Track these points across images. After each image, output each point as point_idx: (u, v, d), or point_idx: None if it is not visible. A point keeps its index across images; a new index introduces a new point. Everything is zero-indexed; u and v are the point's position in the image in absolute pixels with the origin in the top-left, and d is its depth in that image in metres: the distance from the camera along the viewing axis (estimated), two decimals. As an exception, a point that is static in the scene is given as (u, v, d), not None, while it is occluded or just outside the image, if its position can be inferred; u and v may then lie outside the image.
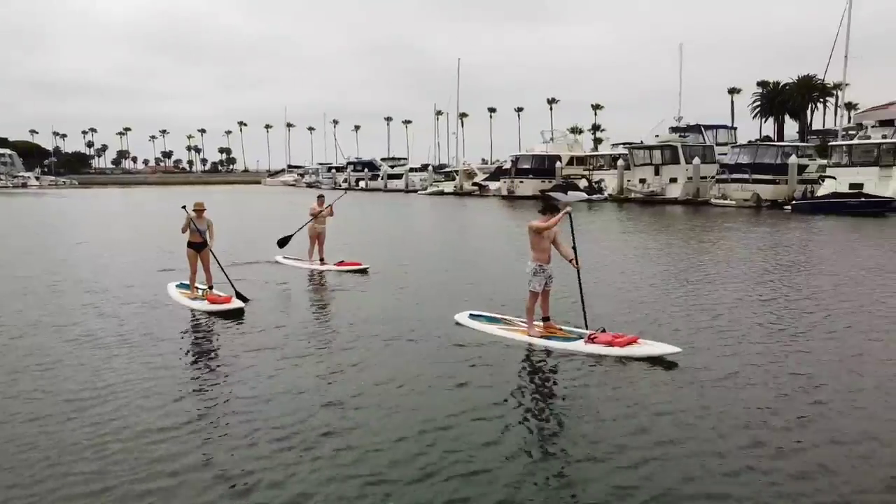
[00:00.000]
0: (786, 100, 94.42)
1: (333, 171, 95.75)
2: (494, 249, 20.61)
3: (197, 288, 11.68)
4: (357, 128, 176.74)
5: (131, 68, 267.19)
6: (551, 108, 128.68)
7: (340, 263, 15.75)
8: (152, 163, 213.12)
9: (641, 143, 44.98)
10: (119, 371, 7.88)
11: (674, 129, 45.00)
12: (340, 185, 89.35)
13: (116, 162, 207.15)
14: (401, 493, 4.97)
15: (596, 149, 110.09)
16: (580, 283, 9.09)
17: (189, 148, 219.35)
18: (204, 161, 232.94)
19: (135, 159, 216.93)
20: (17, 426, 6.25)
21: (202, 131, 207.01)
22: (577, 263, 8.76)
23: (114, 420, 6.40)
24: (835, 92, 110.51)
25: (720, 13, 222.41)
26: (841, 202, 31.16)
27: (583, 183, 47.22)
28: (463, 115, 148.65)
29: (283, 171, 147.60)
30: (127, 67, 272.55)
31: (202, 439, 5.94)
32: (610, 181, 46.28)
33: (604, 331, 8.44)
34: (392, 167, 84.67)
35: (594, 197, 44.54)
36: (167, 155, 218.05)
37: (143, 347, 8.92)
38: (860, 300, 11.61)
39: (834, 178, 33.54)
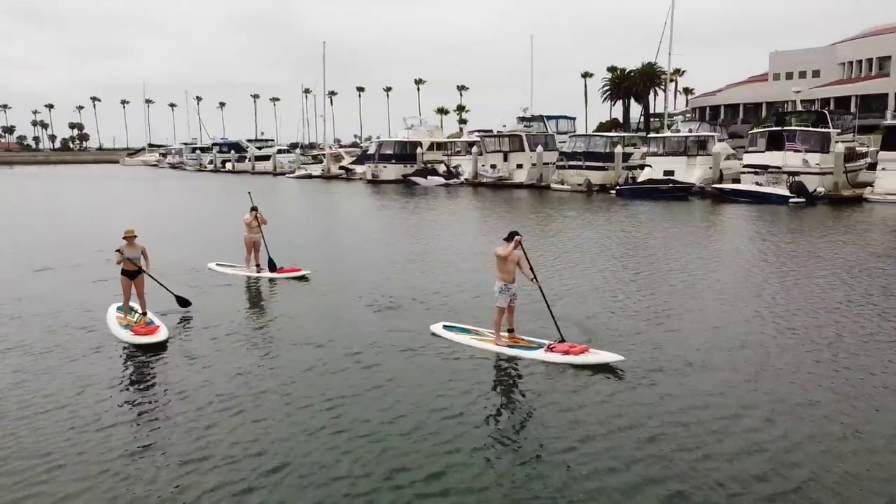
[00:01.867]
0: (630, 85, 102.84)
1: (198, 151, 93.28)
2: (405, 245, 22.02)
3: (133, 311, 11.65)
4: (222, 104, 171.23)
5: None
6: (419, 89, 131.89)
7: (280, 270, 15.72)
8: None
9: (492, 132, 48.85)
10: (36, 392, 8.64)
11: (521, 119, 49.22)
12: (206, 167, 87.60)
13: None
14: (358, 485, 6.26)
15: (461, 130, 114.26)
16: (544, 296, 10.16)
17: (35, 123, 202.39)
18: (52, 138, 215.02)
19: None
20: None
21: (49, 106, 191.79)
22: (537, 281, 9.79)
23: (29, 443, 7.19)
24: (674, 78, 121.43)
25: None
26: (654, 187, 36.25)
27: (441, 168, 50.46)
28: (332, 94, 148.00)
29: (142, 149, 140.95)
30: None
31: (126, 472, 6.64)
32: (466, 166, 49.78)
33: (562, 341, 9.45)
34: (259, 148, 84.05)
35: (451, 182, 47.92)
36: (8, 130, 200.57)
37: (66, 372, 9.40)
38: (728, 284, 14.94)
39: (650, 166, 38.74)
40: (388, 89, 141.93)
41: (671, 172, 37.65)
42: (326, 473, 6.53)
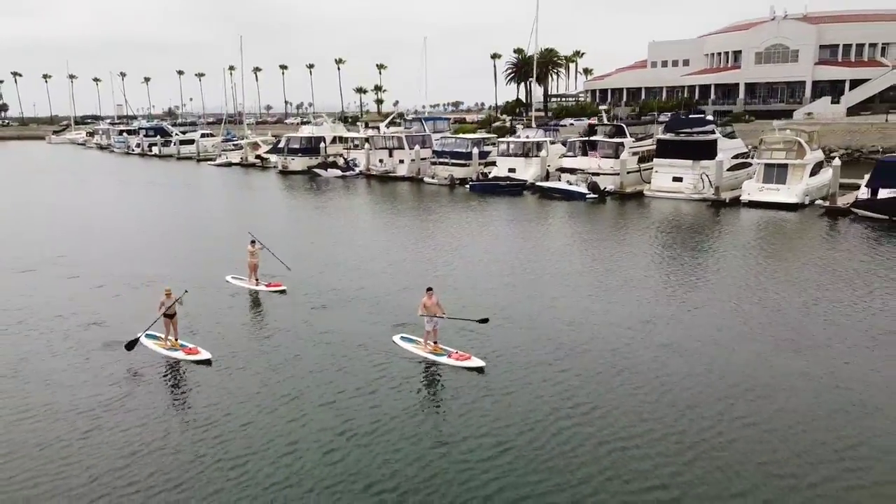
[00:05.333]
0: (530, 69, 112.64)
1: (125, 134, 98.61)
2: (334, 249, 28.57)
3: (167, 340, 16.27)
4: (147, 79, 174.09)
5: None
6: (339, 68, 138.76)
7: (269, 284, 21.28)
8: None
9: (379, 132, 58.04)
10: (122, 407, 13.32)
11: (405, 121, 58.57)
12: (133, 150, 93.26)
13: None
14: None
15: (379, 110, 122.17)
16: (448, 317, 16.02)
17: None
18: None
19: None
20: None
21: None
22: (445, 316, 15.73)
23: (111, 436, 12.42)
24: (574, 59, 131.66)
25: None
26: (496, 183, 46.25)
27: (341, 161, 59.34)
28: (257, 70, 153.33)
29: (68, 126, 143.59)
30: None
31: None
32: (362, 159, 58.75)
33: (458, 351, 15.42)
34: (184, 132, 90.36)
35: (348, 174, 56.95)
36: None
37: (141, 390, 14.17)
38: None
39: (496, 165, 48.74)
40: (311, 66, 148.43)
41: (513, 170, 47.74)
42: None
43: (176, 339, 16.26)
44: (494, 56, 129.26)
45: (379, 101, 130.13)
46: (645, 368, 14.94)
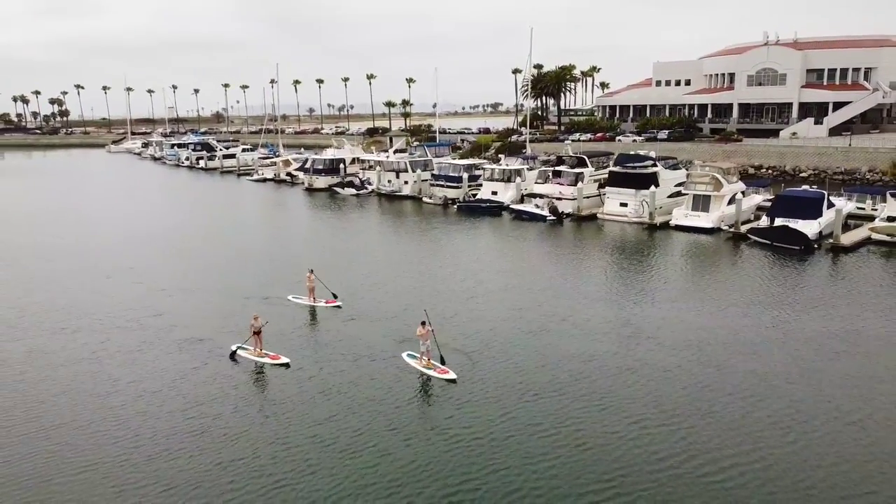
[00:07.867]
0: (545, 85, 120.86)
1: (176, 148, 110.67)
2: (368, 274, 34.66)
3: (256, 350, 21.62)
4: (196, 91, 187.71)
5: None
6: (370, 83, 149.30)
7: (328, 301, 26.32)
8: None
9: (388, 158, 67.80)
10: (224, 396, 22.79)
11: (410, 146, 68.15)
12: (183, 163, 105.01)
13: None
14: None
15: (405, 123, 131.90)
16: (437, 344, 21.52)
17: (15, 99, 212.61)
18: (35, 115, 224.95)
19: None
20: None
21: (37, 93, 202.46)
22: (431, 332, 21.10)
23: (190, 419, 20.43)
24: (591, 74, 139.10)
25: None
26: (478, 205, 55.39)
27: (357, 180, 69.21)
28: (297, 83, 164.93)
29: (125, 136, 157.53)
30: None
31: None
32: (375, 178, 68.48)
33: (441, 366, 20.71)
34: (227, 147, 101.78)
35: (361, 192, 66.79)
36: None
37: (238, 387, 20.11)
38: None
39: (480, 186, 57.87)
40: (346, 79, 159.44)
41: (495, 193, 56.80)
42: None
43: (261, 349, 21.79)
44: (515, 71, 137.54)
45: (406, 115, 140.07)
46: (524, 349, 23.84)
